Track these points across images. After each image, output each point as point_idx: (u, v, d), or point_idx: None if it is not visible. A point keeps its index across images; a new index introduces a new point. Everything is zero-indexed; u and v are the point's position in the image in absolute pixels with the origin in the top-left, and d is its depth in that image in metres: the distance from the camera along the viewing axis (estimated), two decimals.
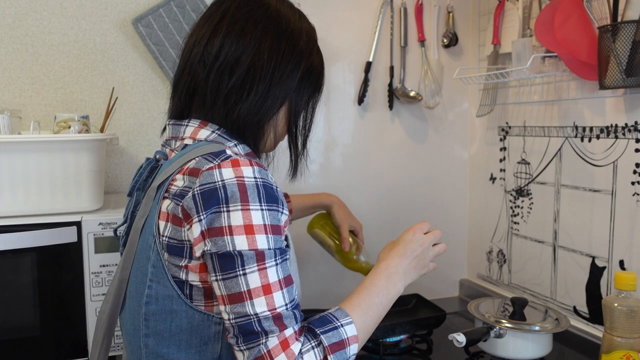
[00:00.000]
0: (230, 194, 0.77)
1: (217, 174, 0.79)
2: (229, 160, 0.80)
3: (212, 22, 0.91)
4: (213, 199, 0.77)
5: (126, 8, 1.53)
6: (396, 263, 0.96)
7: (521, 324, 1.30)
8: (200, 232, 0.78)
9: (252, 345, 0.77)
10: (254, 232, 0.77)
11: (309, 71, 0.94)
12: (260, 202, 0.78)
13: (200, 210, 0.78)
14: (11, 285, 1.21)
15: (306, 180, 1.70)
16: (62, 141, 1.25)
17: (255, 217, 0.77)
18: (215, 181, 0.78)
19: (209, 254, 0.78)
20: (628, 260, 1.31)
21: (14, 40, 1.45)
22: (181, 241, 0.81)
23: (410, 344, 1.44)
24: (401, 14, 1.71)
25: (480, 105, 1.71)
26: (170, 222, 0.82)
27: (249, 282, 0.77)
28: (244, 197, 0.77)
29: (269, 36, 0.89)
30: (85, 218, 1.24)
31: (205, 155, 0.82)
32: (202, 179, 0.79)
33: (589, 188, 1.40)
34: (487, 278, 1.81)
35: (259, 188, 0.79)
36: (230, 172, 0.78)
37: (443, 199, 1.85)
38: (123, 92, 1.53)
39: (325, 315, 0.85)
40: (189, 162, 0.83)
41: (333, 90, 1.70)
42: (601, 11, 1.29)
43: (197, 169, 0.81)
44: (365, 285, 0.92)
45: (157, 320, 0.84)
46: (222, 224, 0.77)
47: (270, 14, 0.91)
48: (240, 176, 0.78)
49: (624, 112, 1.30)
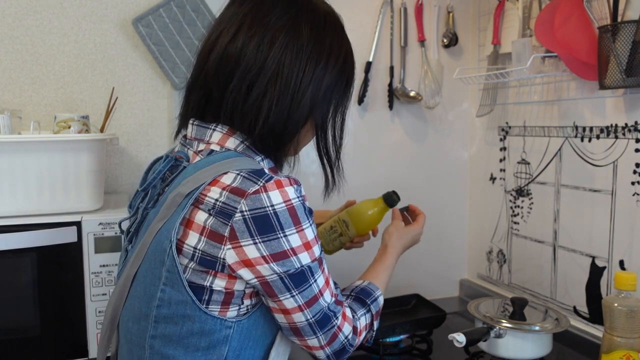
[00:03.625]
0: (284, 220, 0.82)
1: (265, 198, 0.81)
2: (273, 182, 0.82)
3: (232, 28, 0.87)
4: (267, 226, 0.81)
5: (126, 8, 1.53)
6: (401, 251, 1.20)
7: (521, 324, 1.30)
8: (260, 256, 0.82)
9: (327, 329, 0.90)
10: (311, 246, 0.86)
11: (335, 82, 0.91)
12: (308, 219, 0.85)
13: (254, 235, 0.81)
14: (11, 285, 1.21)
15: (307, 180, 1.70)
16: (62, 141, 1.25)
17: (308, 234, 0.86)
18: (265, 206, 0.81)
19: (278, 277, 0.84)
20: (628, 260, 1.31)
21: (14, 40, 1.45)
22: (215, 257, 0.82)
23: (410, 344, 1.44)
24: (401, 14, 1.71)
25: (480, 105, 1.71)
26: (207, 237, 0.81)
27: (318, 284, 0.88)
28: (295, 220, 0.83)
29: (290, 50, 0.86)
30: (85, 218, 1.24)
31: (246, 174, 0.82)
32: (252, 204, 0.80)
33: (589, 188, 1.40)
34: (487, 278, 1.81)
35: (304, 207, 0.85)
36: (278, 195, 0.81)
37: (443, 199, 1.85)
38: (123, 92, 1.53)
39: (366, 287, 1.05)
40: (224, 174, 0.82)
41: None
42: (601, 11, 1.29)
43: (241, 189, 0.80)
44: (386, 265, 1.14)
45: (168, 324, 0.84)
46: (284, 248, 0.83)
47: (292, 20, 0.87)
48: (288, 200, 0.82)
49: (624, 112, 1.30)
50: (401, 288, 1.65)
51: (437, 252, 1.86)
